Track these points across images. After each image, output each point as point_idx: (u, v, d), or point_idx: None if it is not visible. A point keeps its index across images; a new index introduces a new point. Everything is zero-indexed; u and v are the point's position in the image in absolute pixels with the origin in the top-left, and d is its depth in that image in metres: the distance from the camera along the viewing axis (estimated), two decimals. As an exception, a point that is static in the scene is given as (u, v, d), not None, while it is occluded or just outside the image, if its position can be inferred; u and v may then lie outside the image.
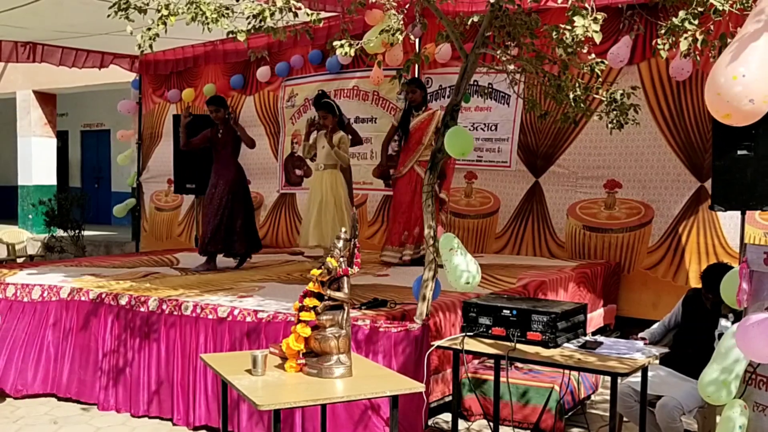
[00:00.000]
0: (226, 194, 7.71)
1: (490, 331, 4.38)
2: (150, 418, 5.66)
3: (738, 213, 6.07)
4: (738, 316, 4.44)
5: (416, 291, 5.11)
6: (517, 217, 8.85)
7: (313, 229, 7.66)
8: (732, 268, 5.11)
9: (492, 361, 4.98)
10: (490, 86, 8.29)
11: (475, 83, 8.64)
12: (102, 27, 5.40)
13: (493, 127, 8.95)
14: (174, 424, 5.52)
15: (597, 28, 3.88)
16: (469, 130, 8.91)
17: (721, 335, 4.53)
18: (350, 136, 8.19)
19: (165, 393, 5.61)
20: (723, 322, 4.66)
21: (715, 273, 4.73)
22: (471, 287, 4.63)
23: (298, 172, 10.56)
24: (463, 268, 4.55)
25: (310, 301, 3.63)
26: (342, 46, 4.56)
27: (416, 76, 9.28)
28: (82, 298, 6.18)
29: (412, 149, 7.73)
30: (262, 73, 10.59)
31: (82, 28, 8.75)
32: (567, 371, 5.10)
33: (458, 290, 4.79)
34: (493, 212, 9.04)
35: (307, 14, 4.50)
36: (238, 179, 7.85)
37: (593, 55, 4.57)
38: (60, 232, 14.20)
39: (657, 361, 4.25)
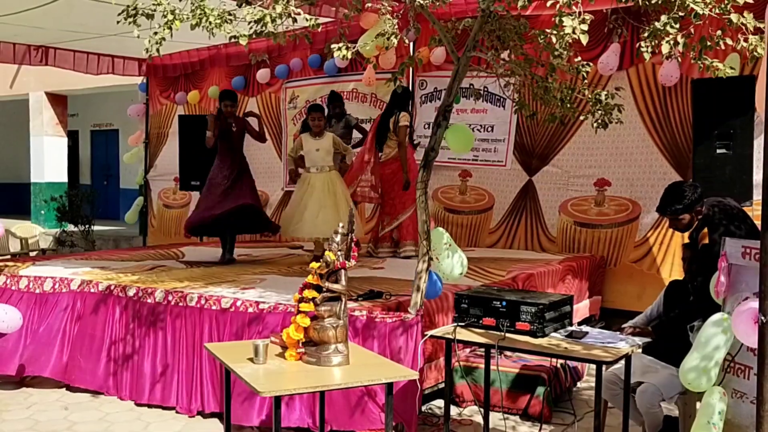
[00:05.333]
0: (242, 178, 7.80)
1: (480, 322, 4.39)
2: (155, 404, 5.65)
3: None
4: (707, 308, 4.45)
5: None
6: (511, 213, 8.88)
7: (313, 222, 7.57)
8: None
9: (483, 349, 4.99)
10: (485, 89, 8.30)
11: (471, 86, 8.65)
12: (112, 28, 5.40)
13: (490, 128, 8.98)
14: (177, 412, 5.52)
15: (585, 28, 3.88)
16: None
17: (692, 327, 4.56)
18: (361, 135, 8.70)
19: (170, 380, 5.62)
20: None
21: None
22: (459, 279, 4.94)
23: (300, 170, 10.53)
24: (448, 272, 4.85)
25: (309, 293, 3.65)
26: (339, 49, 4.56)
27: (411, 78, 9.32)
28: (92, 290, 6.19)
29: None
30: (262, 74, 10.63)
31: (92, 28, 8.73)
32: (554, 359, 5.12)
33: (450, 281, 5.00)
34: (487, 209, 9.07)
35: (306, 19, 4.50)
36: (248, 169, 7.97)
37: (579, 58, 4.57)
38: (71, 227, 14.21)
39: (640, 350, 4.27)
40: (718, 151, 5.81)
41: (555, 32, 3.92)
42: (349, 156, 8.02)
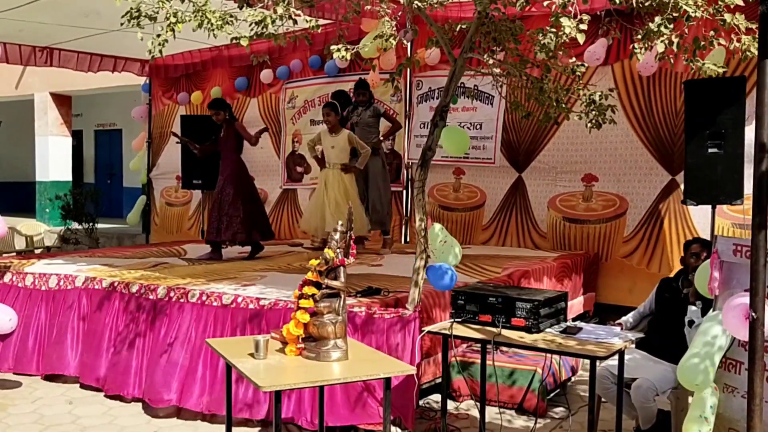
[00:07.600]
0: (226, 188, 7.67)
1: (477, 318, 4.37)
2: (157, 399, 5.61)
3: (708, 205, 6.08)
4: (706, 304, 4.43)
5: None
6: (502, 210, 8.85)
7: (328, 220, 7.61)
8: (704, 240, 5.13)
9: (479, 345, 4.97)
10: (476, 88, 8.28)
11: (462, 85, 8.61)
12: (114, 24, 5.34)
13: (479, 126, 8.94)
14: (180, 406, 5.48)
15: (584, 27, 3.85)
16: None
17: (691, 322, 4.54)
18: (391, 123, 8.66)
19: (172, 376, 5.57)
20: (692, 309, 4.65)
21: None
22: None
23: (299, 169, 10.55)
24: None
25: (308, 290, 3.62)
26: (339, 50, 4.53)
27: (408, 78, 9.33)
28: (96, 287, 6.16)
29: None
30: (265, 75, 10.59)
31: (94, 23, 8.64)
32: (549, 355, 5.09)
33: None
34: (479, 206, 9.05)
35: (306, 21, 4.46)
36: (238, 173, 7.79)
37: (574, 59, 4.54)
38: (75, 225, 14.16)
39: (633, 346, 4.24)
40: (710, 150, 5.79)
41: (553, 30, 3.90)
42: (364, 155, 7.81)
